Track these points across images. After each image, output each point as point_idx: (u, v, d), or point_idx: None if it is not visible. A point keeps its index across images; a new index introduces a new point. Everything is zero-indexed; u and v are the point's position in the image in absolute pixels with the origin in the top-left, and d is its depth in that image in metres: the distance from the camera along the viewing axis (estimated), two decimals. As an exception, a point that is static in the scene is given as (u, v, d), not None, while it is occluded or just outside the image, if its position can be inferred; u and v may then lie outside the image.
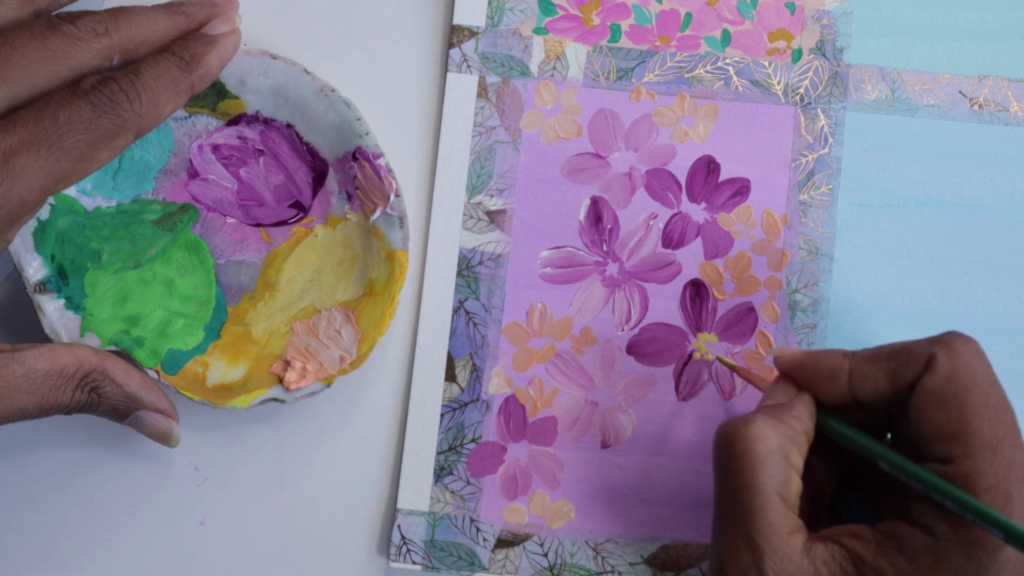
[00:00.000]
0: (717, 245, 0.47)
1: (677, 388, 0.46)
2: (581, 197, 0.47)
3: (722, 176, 0.47)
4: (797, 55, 0.48)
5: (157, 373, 0.44)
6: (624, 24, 0.48)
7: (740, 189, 0.47)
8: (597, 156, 0.47)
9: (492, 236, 0.47)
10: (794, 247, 0.47)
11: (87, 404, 0.40)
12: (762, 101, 0.48)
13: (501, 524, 0.46)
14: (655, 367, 0.46)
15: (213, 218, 0.47)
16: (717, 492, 0.40)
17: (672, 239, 0.47)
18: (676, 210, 0.47)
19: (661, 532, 0.46)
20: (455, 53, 0.48)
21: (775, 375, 0.42)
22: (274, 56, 0.45)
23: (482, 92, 0.47)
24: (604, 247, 0.47)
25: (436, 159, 0.47)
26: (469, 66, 0.48)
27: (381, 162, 0.46)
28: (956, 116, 0.48)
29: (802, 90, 0.48)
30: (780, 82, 0.48)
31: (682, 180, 0.47)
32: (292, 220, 0.47)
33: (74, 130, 0.37)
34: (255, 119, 0.47)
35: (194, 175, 0.47)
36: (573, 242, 0.47)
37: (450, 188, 0.47)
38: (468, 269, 0.47)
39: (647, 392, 0.46)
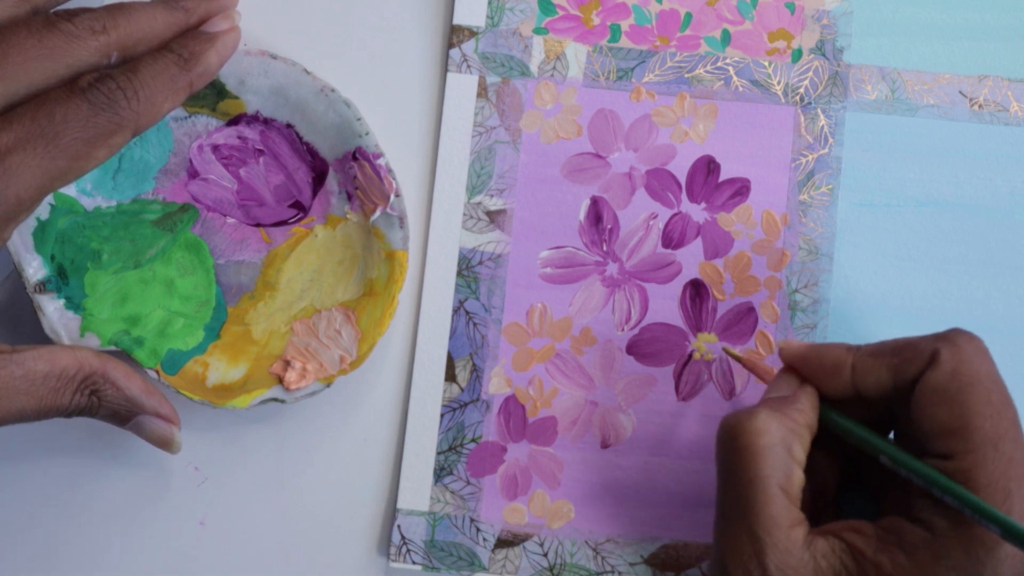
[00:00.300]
0: (717, 245, 0.47)
1: (677, 388, 0.46)
2: (581, 197, 0.47)
3: (722, 176, 0.47)
4: (797, 55, 0.48)
5: (157, 373, 0.44)
6: (624, 24, 0.48)
7: (740, 189, 0.47)
8: (597, 156, 0.47)
9: (492, 236, 0.47)
10: (794, 247, 0.47)
11: (87, 407, 0.40)
12: (762, 101, 0.48)
13: (501, 524, 0.46)
14: (655, 367, 0.46)
15: (213, 218, 0.47)
16: (720, 485, 0.40)
17: (672, 239, 0.47)
18: (676, 210, 0.47)
19: (661, 532, 0.46)
20: (455, 53, 0.48)
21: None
22: (274, 56, 0.45)
23: (482, 92, 0.47)
24: (604, 247, 0.47)
25: (436, 159, 0.47)
26: (469, 66, 0.48)
27: (381, 162, 0.46)
28: (956, 116, 0.48)
29: (802, 90, 0.48)
30: (780, 82, 0.48)
31: (682, 180, 0.47)
32: (292, 220, 0.47)
33: (71, 128, 0.37)
34: (255, 119, 0.47)
35: (194, 175, 0.47)
36: (573, 242, 0.47)
37: (450, 188, 0.47)
38: (468, 269, 0.47)
39: (647, 392, 0.46)
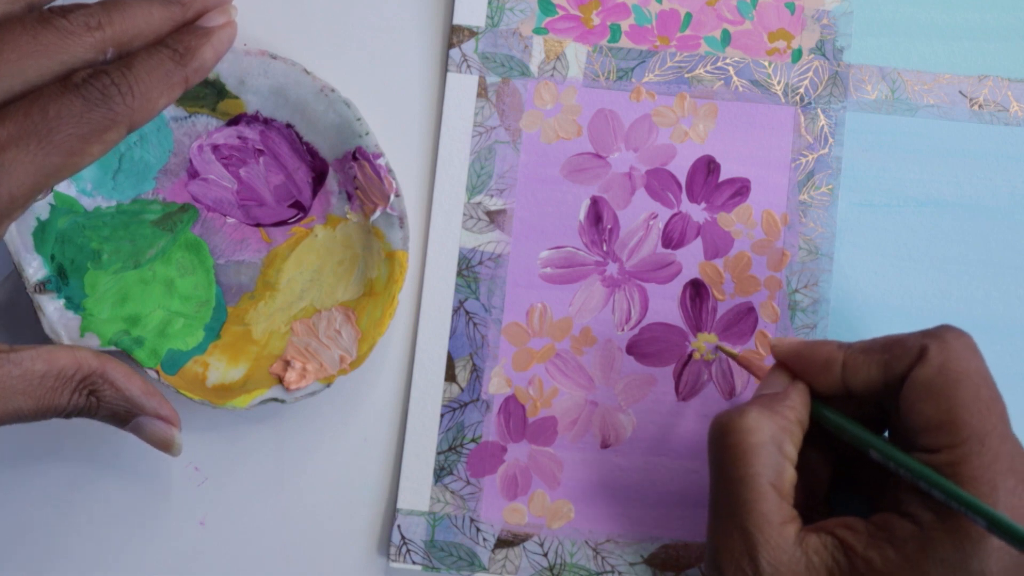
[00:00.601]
0: (717, 245, 0.47)
1: (677, 388, 0.46)
2: (581, 197, 0.47)
3: (722, 176, 0.47)
4: (797, 55, 0.48)
5: (157, 373, 0.44)
6: (624, 24, 0.48)
7: (740, 189, 0.47)
8: (597, 156, 0.47)
9: (492, 236, 0.47)
10: (794, 247, 0.47)
11: (86, 408, 0.39)
12: (762, 101, 0.48)
13: (501, 524, 0.46)
14: (655, 367, 0.46)
15: (213, 218, 0.47)
16: (712, 483, 0.40)
17: (672, 239, 0.47)
18: (676, 210, 0.47)
19: (661, 532, 0.46)
20: (455, 53, 0.48)
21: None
22: (274, 56, 0.45)
23: (482, 92, 0.47)
24: (604, 247, 0.47)
25: (436, 159, 0.47)
26: (469, 66, 0.48)
27: (381, 162, 0.46)
28: (956, 116, 0.48)
29: (802, 90, 0.48)
30: (780, 82, 0.48)
31: (682, 180, 0.47)
32: (292, 220, 0.47)
33: (64, 124, 0.36)
34: (255, 119, 0.47)
35: (194, 175, 0.47)
36: (573, 242, 0.47)
37: (450, 188, 0.47)
38: (468, 269, 0.47)
39: (647, 392, 0.46)
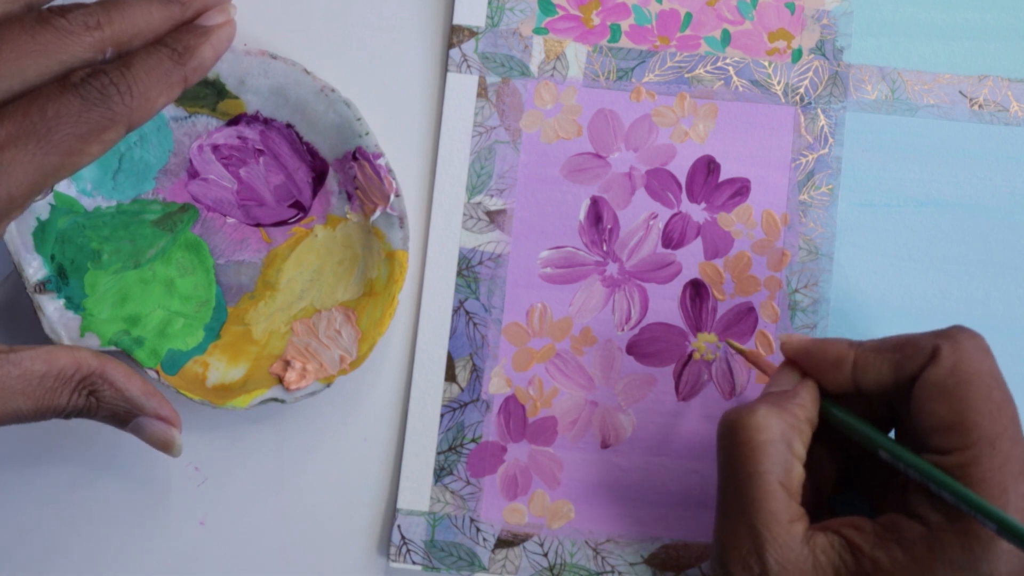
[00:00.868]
0: (717, 245, 0.47)
1: (677, 388, 0.46)
2: (581, 197, 0.47)
3: (722, 176, 0.47)
4: (797, 55, 0.48)
5: (157, 373, 0.44)
6: (624, 24, 0.48)
7: (740, 189, 0.47)
8: (597, 156, 0.47)
9: (492, 236, 0.47)
10: (794, 247, 0.47)
11: (85, 408, 0.39)
12: (762, 101, 0.48)
13: (501, 524, 0.46)
14: (655, 367, 0.46)
15: (213, 218, 0.47)
16: (720, 480, 0.40)
17: (672, 239, 0.47)
18: (676, 210, 0.47)
19: (661, 532, 0.46)
20: (455, 53, 0.48)
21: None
22: (274, 56, 0.45)
23: (482, 92, 0.47)
24: (604, 247, 0.47)
25: (436, 159, 0.47)
26: (469, 66, 0.48)
27: (381, 162, 0.46)
28: (956, 116, 0.48)
29: (802, 90, 0.48)
30: (780, 82, 0.48)
31: (682, 180, 0.47)
32: (292, 220, 0.47)
33: (63, 124, 0.36)
34: (255, 119, 0.47)
35: (194, 175, 0.47)
36: (573, 242, 0.47)
37: (450, 188, 0.47)
38: (468, 269, 0.47)
39: (647, 392, 0.46)
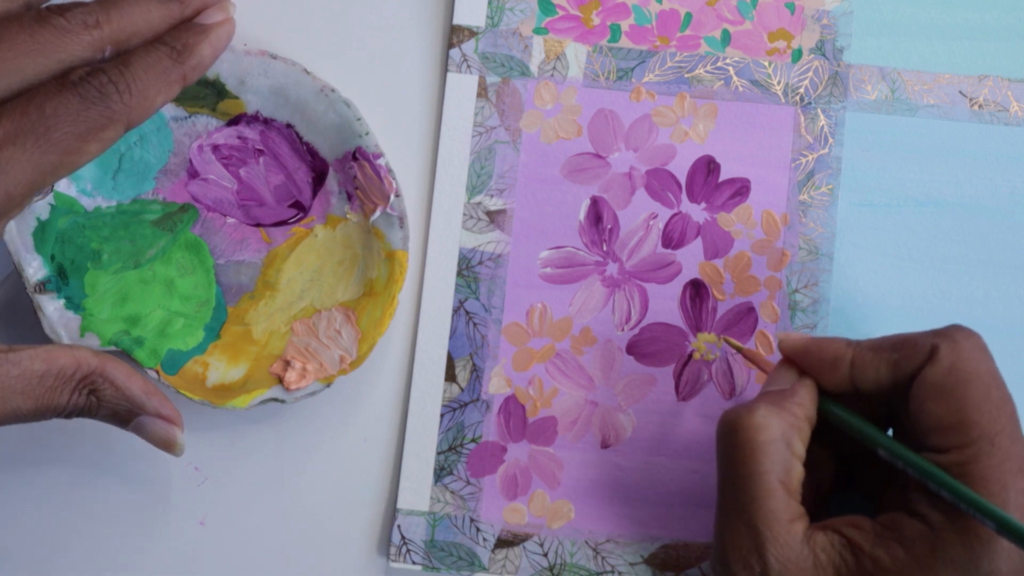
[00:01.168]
0: (717, 245, 0.47)
1: (677, 388, 0.46)
2: (581, 197, 0.47)
3: (722, 176, 0.47)
4: (797, 55, 0.48)
5: (157, 373, 0.44)
6: (624, 24, 0.48)
7: (740, 189, 0.47)
8: (597, 156, 0.47)
9: (492, 236, 0.47)
10: (794, 247, 0.47)
11: (86, 407, 0.39)
12: (762, 101, 0.48)
13: (501, 524, 0.46)
14: (655, 367, 0.46)
15: (213, 218, 0.47)
16: (720, 480, 0.40)
17: (672, 239, 0.47)
18: (676, 210, 0.47)
19: (661, 532, 0.46)
20: (455, 53, 0.48)
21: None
22: (274, 56, 0.45)
23: (482, 92, 0.47)
24: (604, 247, 0.47)
25: (436, 159, 0.47)
26: (469, 66, 0.48)
27: (381, 162, 0.46)
28: (956, 116, 0.48)
29: (802, 90, 0.48)
30: (780, 82, 0.48)
31: (682, 180, 0.47)
32: (292, 220, 0.47)
33: (61, 122, 0.36)
34: (255, 119, 0.47)
35: (194, 175, 0.47)
36: (573, 242, 0.47)
37: (450, 188, 0.47)
38: (468, 269, 0.47)
39: (647, 392, 0.46)
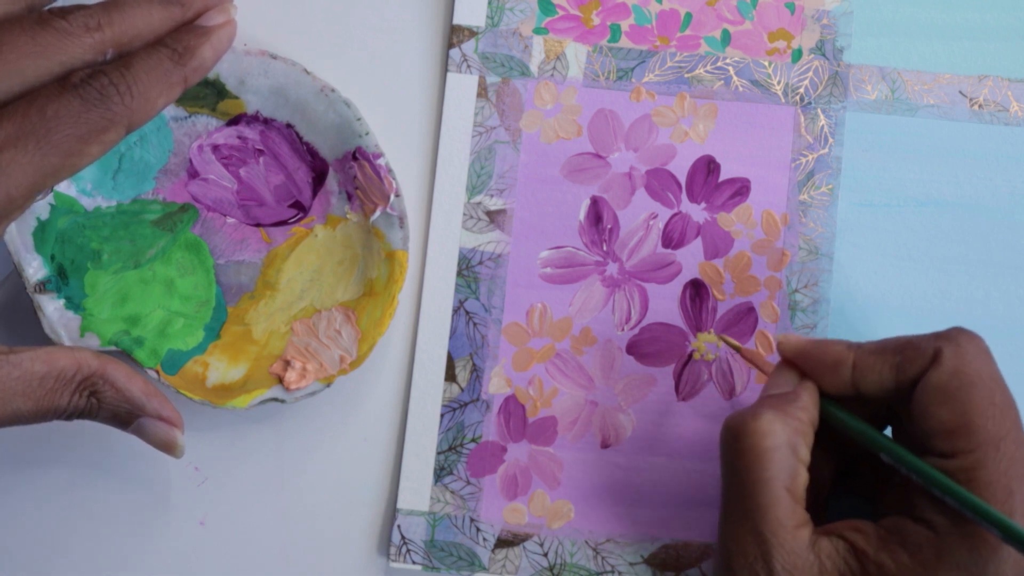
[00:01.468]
0: (717, 245, 0.47)
1: (677, 388, 0.46)
2: (581, 197, 0.47)
3: (722, 176, 0.47)
4: (797, 55, 0.48)
5: (157, 373, 0.44)
6: (624, 24, 0.48)
7: (740, 189, 0.47)
8: (597, 156, 0.47)
9: (492, 236, 0.47)
10: (794, 247, 0.47)
11: (86, 409, 0.39)
12: (762, 101, 0.48)
13: (501, 524, 0.46)
14: (655, 367, 0.46)
15: (213, 218, 0.47)
16: (725, 486, 0.40)
17: (672, 239, 0.47)
18: (676, 210, 0.47)
19: (661, 532, 0.46)
20: (455, 53, 0.48)
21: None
22: (274, 56, 0.45)
23: (482, 92, 0.47)
24: (604, 247, 0.47)
25: (436, 159, 0.47)
26: (469, 66, 0.48)
27: (381, 162, 0.46)
28: (956, 116, 0.48)
29: (802, 90, 0.48)
30: (780, 82, 0.48)
31: (682, 180, 0.47)
32: (292, 220, 0.47)
33: (62, 124, 0.36)
34: (255, 119, 0.47)
35: (194, 175, 0.47)
36: (573, 242, 0.47)
37: (450, 188, 0.47)
38: (468, 269, 0.47)
39: (647, 392, 0.46)
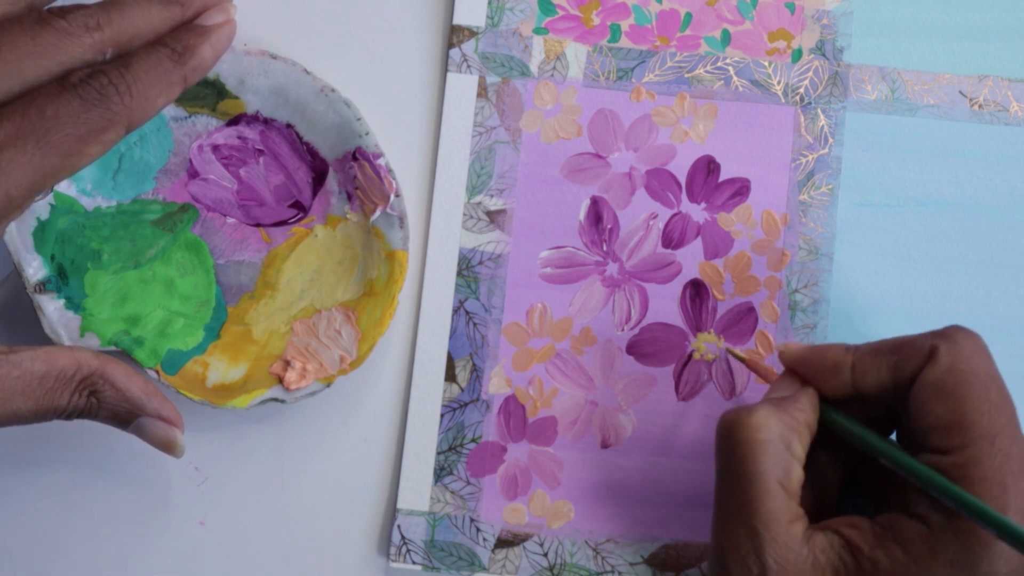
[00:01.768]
0: (717, 245, 0.47)
1: (677, 388, 0.46)
2: (581, 197, 0.47)
3: (722, 176, 0.47)
4: (797, 55, 0.48)
5: (157, 373, 0.44)
6: (624, 24, 0.48)
7: (740, 189, 0.47)
8: (597, 156, 0.47)
9: (492, 236, 0.47)
10: (794, 247, 0.47)
11: (86, 409, 0.38)
12: (762, 101, 0.48)
13: (501, 524, 0.46)
14: (655, 367, 0.46)
15: (213, 218, 0.47)
16: (718, 480, 0.40)
17: (672, 239, 0.47)
18: (676, 210, 0.47)
19: (661, 532, 0.46)
20: (455, 53, 0.48)
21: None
22: (274, 56, 0.45)
23: (482, 92, 0.47)
24: (604, 247, 0.47)
25: (436, 159, 0.47)
26: (469, 66, 0.48)
27: (381, 162, 0.46)
28: (956, 116, 0.48)
29: (802, 90, 0.48)
30: (780, 82, 0.48)
31: (682, 180, 0.47)
32: (292, 220, 0.47)
33: (62, 124, 0.36)
34: (255, 119, 0.47)
35: (194, 175, 0.47)
36: (573, 242, 0.47)
37: (450, 188, 0.47)
38: (468, 269, 0.47)
39: (647, 392, 0.46)
